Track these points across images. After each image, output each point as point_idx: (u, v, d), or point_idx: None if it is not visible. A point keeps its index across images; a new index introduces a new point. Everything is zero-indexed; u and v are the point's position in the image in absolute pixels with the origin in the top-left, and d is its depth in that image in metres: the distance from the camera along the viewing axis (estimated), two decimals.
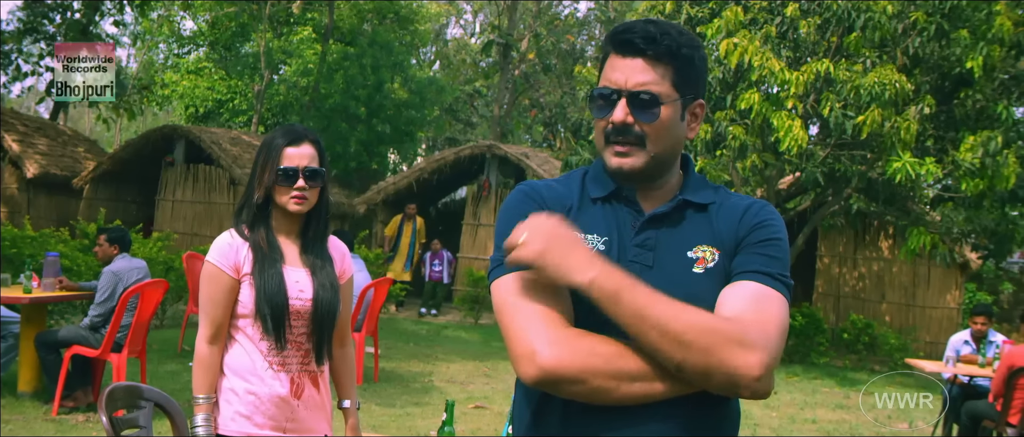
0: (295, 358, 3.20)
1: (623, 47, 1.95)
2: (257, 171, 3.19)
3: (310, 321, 3.21)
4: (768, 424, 9.24)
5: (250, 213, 3.21)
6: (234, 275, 3.17)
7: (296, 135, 3.20)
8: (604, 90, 1.97)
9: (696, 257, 1.95)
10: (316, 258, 3.27)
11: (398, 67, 26.85)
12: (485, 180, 17.99)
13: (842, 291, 16.00)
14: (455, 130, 34.64)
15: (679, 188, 2.06)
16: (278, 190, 3.17)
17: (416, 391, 9.54)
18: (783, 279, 1.93)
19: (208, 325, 3.18)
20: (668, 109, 1.95)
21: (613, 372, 1.79)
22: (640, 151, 1.96)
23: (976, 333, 8.94)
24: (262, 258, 3.16)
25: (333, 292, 3.25)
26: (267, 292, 3.12)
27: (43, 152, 19.92)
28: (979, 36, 11.75)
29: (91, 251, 10.80)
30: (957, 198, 12.95)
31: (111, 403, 3.06)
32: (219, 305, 3.16)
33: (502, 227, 1.99)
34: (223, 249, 3.19)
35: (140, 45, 36.12)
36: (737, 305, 1.86)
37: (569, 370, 1.77)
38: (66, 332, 7.45)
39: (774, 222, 2.01)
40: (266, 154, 3.18)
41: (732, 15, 11.74)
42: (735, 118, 11.86)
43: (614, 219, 2.01)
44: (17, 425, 6.90)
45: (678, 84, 1.95)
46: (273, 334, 3.14)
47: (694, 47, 1.98)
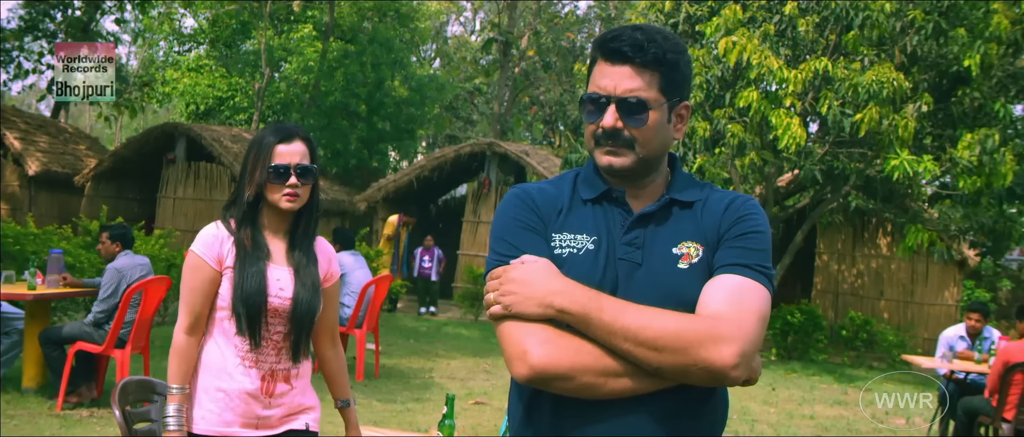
0: (269, 356, 3.19)
1: (611, 55, 2.04)
2: (248, 168, 3.18)
3: (289, 320, 3.19)
4: (766, 420, 9.30)
5: (240, 210, 3.20)
6: (216, 267, 3.16)
7: (287, 133, 3.19)
8: (594, 96, 2.05)
9: (681, 253, 2.04)
10: (302, 256, 3.26)
11: (398, 65, 26.90)
12: (485, 178, 18.05)
13: (841, 288, 16.06)
14: (455, 128, 34.69)
15: (666, 187, 2.14)
16: (270, 188, 3.16)
17: (416, 387, 9.60)
18: (762, 269, 2.01)
19: (187, 314, 3.17)
20: (655, 113, 2.03)
21: (600, 369, 1.90)
22: (629, 152, 2.05)
23: (970, 330, 8.98)
24: (244, 256, 3.15)
25: (313, 292, 3.24)
26: (244, 290, 3.11)
27: (45, 150, 20.00)
28: (977, 34, 11.82)
29: (93, 248, 10.87)
30: (955, 195, 13.01)
31: (124, 397, 3.15)
32: (199, 295, 3.16)
33: (497, 229, 2.12)
34: (207, 240, 3.18)
35: (141, 43, 36.17)
36: (716, 298, 1.95)
37: (558, 368, 1.89)
38: (70, 328, 7.51)
39: (754, 216, 2.08)
40: (257, 151, 3.17)
41: (731, 13, 11.80)
42: (734, 116, 11.92)
43: (604, 219, 2.09)
44: (22, 420, 6.96)
45: (664, 89, 2.04)
46: (247, 332, 3.14)
47: (679, 52, 2.05)
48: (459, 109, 34.35)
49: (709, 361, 1.85)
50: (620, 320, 1.88)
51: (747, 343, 1.88)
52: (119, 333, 7.33)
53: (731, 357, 1.86)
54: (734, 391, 8.58)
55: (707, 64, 12.06)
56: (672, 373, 1.89)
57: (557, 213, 2.11)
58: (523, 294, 1.95)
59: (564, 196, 2.14)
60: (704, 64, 12.05)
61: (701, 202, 2.11)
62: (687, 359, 1.86)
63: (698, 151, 12.38)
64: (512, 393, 2.17)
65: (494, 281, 2.02)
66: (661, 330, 1.87)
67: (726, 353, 1.85)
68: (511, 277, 1.99)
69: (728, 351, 1.85)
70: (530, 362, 1.90)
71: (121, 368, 7.36)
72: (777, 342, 14.35)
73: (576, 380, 1.90)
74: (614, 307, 1.91)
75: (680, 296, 1.97)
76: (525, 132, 34.65)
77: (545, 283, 1.95)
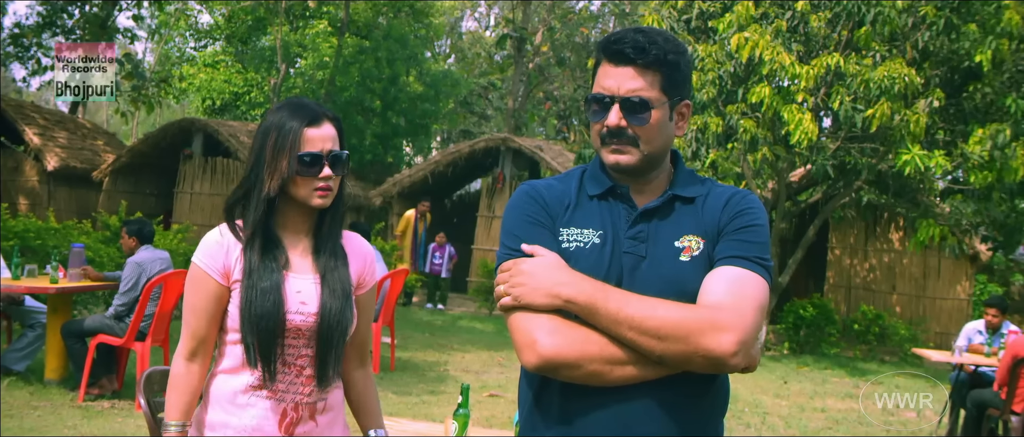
0: (291, 386, 2.61)
1: (615, 57, 2.14)
2: (266, 158, 2.56)
3: (314, 339, 2.60)
4: (778, 412, 9.38)
5: (257, 209, 2.58)
6: (222, 281, 2.59)
7: (313, 114, 2.62)
8: (598, 96, 2.16)
9: (683, 247, 2.13)
10: (329, 259, 2.67)
11: (413, 60, 26.97)
12: (499, 172, 18.13)
13: (853, 282, 16.10)
14: (469, 123, 34.74)
15: (669, 183, 2.24)
16: (298, 181, 2.57)
17: (432, 380, 9.71)
18: (759, 261, 2.10)
19: (189, 338, 2.61)
20: (657, 112, 2.13)
21: (606, 358, 2.01)
22: (634, 149, 2.14)
23: (988, 324, 9.03)
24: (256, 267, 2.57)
25: (344, 301, 2.64)
26: (255, 311, 2.53)
27: (63, 145, 20.20)
28: (988, 30, 11.83)
29: (112, 243, 11.04)
30: (966, 190, 13.03)
31: (149, 386, 3.09)
32: (203, 315, 2.59)
33: (507, 225, 2.23)
34: (211, 249, 2.60)
35: (157, 39, 36.36)
36: (717, 288, 2.05)
37: (566, 357, 2.00)
38: (91, 321, 7.64)
39: (752, 209, 2.17)
40: (278, 137, 2.56)
41: (743, 9, 11.84)
42: (746, 111, 11.97)
43: (609, 214, 2.19)
44: (45, 411, 7.10)
45: (666, 88, 2.14)
46: (260, 363, 2.56)
47: (680, 53, 2.15)
48: (473, 105, 34.38)
49: (709, 349, 1.94)
50: (624, 310, 1.98)
51: (746, 331, 1.97)
52: (140, 326, 7.45)
53: (730, 345, 1.95)
54: (745, 384, 8.66)
55: (719, 60, 12.10)
56: (674, 361, 1.98)
57: (565, 209, 2.21)
58: (531, 285, 2.05)
59: (571, 192, 2.24)
60: (716, 60, 12.10)
61: (702, 197, 2.20)
62: (688, 347, 1.95)
63: (711, 146, 12.42)
64: (521, 382, 2.27)
65: (504, 274, 2.13)
66: (663, 319, 1.96)
67: (725, 341, 1.95)
68: (520, 269, 2.09)
69: (727, 339, 1.95)
70: (539, 351, 2.01)
71: (141, 360, 7.48)
72: (789, 336, 14.41)
73: (583, 368, 2.00)
74: (619, 297, 2.01)
75: (682, 287, 2.07)
76: (539, 127, 34.68)
77: (552, 275, 2.06)
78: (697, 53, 12.24)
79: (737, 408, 9.33)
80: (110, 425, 6.91)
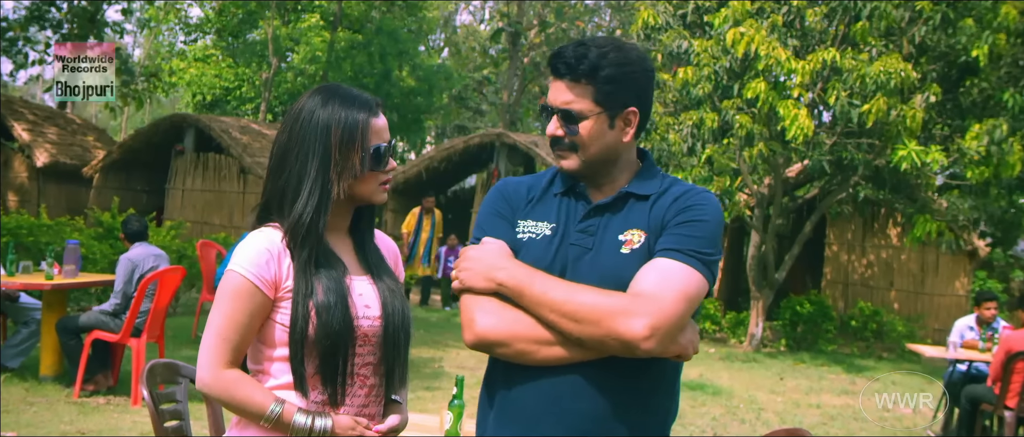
0: (357, 400, 2.37)
1: (553, 70, 2.34)
2: (335, 155, 2.30)
3: (380, 345, 2.37)
4: (773, 408, 9.36)
5: (320, 213, 2.30)
6: (270, 293, 2.28)
7: (370, 104, 2.38)
8: (543, 106, 2.38)
9: (624, 240, 2.28)
10: (375, 255, 2.49)
11: (406, 55, 26.95)
12: (494, 168, 18.10)
13: (850, 278, 16.08)
14: (464, 118, 34.74)
15: (627, 182, 2.38)
16: (367, 178, 2.36)
17: (427, 376, 9.67)
18: (695, 253, 2.21)
19: (228, 351, 2.27)
20: (590, 122, 2.30)
21: (533, 338, 2.20)
22: (574, 155, 2.34)
23: (980, 318, 9.03)
24: (318, 280, 2.29)
25: (403, 300, 2.44)
26: (329, 325, 2.27)
27: (53, 141, 20.08)
28: (985, 25, 11.82)
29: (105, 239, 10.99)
30: (963, 186, 13.04)
31: (151, 378, 3.16)
32: (245, 331, 2.28)
33: (478, 216, 2.45)
34: (259, 257, 2.27)
35: (146, 32, 36.21)
36: (644, 279, 2.19)
37: (497, 335, 2.22)
38: (87, 318, 7.60)
39: (701, 206, 2.29)
40: (345, 130, 2.30)
41: (739, 4, 11.82)
42: (742, 107, 11.94)
43: (565, 209, 2.37)
44: (41, 407, 7.05)
45: (599, 100, 2.29)
46: (330, 382, 2.30)
47: (620, 64, 2.28)
48: (468, 99, 34.39)
49: (619, 333, 2.10)
50: (548, 294, 2.17)
51: (660, 318, 2.10)
52: (135, 322, 7.43)
53: (641, 329, 2.09)
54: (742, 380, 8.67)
55: (715, 55, 12.07)
56: (591, 343, 2.15)
57: (526, 202, 2.41)
58: (474, 270, 2.28)
59: (538, 188, 2.44)
60: (712, 55, 12.06)
61: (657, 195, 2.34)
62: (601, 330, 2.12)
63: (706, 142, 12.39)
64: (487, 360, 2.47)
65: (458, 260, 2.35)
66: (581, 304, 2.14)
67: (636, 326, 2.09)
68: (467, 255, 2.32)
69: (638, 324, 2.09)
70: (475, 329, 2.24)
71: (137, 357, 7.46)
72: (786, 332, 14.40)
73: (512, 346, 2.21)
74: (545, 283, 2.20)
75: (619, 278, 2.21)
76: (534, 122, 34.64)
77: (492, 260, 2.27)
78: (693, 48, 12.21)
79: (732, 404, 9.31)
80: (106, 420, 6.87)
